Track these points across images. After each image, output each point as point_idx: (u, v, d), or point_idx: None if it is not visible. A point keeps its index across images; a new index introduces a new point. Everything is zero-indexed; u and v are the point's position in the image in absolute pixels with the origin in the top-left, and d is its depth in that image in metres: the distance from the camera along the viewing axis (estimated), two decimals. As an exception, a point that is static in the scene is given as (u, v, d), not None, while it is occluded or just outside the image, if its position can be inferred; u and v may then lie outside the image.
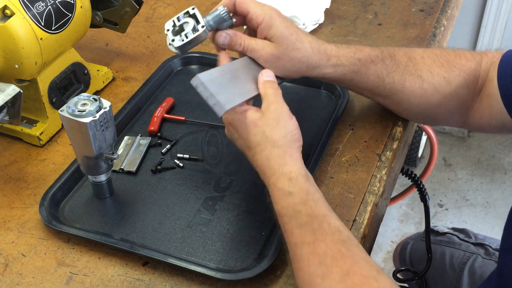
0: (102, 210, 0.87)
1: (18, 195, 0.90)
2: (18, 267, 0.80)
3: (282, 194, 0.71)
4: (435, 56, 0.90)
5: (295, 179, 0.71)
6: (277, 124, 0.75)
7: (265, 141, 0.75)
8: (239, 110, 0.77)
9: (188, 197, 0.88)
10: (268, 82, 0.80)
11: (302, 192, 0.71)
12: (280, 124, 0.75)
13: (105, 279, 0.78)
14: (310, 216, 0.69)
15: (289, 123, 0.76)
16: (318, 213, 0.69)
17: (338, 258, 0.65)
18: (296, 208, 0.70)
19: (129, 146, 0.96)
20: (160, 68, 1.11)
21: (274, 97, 0.78)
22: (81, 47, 1.18)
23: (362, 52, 0.87)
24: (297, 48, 0.82)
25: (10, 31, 0.88)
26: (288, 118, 0.76)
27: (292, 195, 0.70)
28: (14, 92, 0.82)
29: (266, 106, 0.77)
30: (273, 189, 0.73)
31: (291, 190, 0.71)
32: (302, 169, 0.74)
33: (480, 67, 0.89)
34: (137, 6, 1.05)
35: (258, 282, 0.76)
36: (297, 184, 0.71)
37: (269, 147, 0.74)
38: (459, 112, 0.91)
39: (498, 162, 2.39)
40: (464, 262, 1.16)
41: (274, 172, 0.73)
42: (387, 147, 0.95)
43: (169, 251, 0.80)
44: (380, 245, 2.10)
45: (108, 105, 0.79)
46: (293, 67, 0.84)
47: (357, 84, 0.89)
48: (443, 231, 1.25)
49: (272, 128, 0.75)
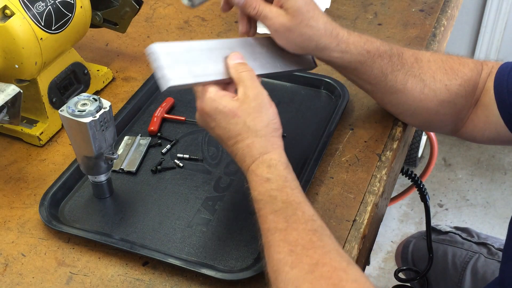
0: (102, 210, 0.87)
1: (18, 195, 0.90)
2: (18, 267, 0.80)
3: (259, 180, 0.71)
4: (441, 61, 0.89)
5: (274, 166, 0.71)
6: (258, 113, 0.73)
7: (246, 131, 0.73)
8: (215, 97, 0.74)
9: (188, 197, 0.88)
10: (240, 65, 0.77)
11: (280, 178, 0.71)
12: (262, 113, 0.73)
13: (105, 279, 0.78)
14: (285, 203, 0.68)
15: (269, 111, 0.74)
16: (293, 200, 0.69)
17: (308, 247, 0.64)
18: (272, 194, 0.69)
19: (129, 146, 0.96)
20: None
21: (250, 82, 0.75)
22: (81, 47, 1.18)
23: (372, 44, 0.86)
24: (310, 25, 0.80)
25: (10, 31, 0.88)
26: (268, 105, 0.74)
27: (270, 181, 0.70)
28: (14, 92, 0.82)
29: (244, 93, 0.74)
30: (251, 175, 0.72)
31: (269, 176, 0.70)
32: (283, 157, 0.73)
33: (479, 77, 0.89)
34: (137, 6, 1.05)
35: (258, 282, 0.76)
36: (275, 171, 0.71)
37: (251, 137, 0.73)
38: (454, 121, 0.91)
39: (498, 162, 2.39)
40: (467, 262, 1.16)
41: (255, 160, 0.72)
42: (387, 147, 0.95)
43: (169, 251, 0.80)
44: (380, 245, 2.10)
45: (108, 105, 0.79)
46: (302, 44, 0.82)
47: (359, 75, 0.88)
48: (446, 230, 1.25)
49: (253, 118, 0.73)
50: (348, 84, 1.08)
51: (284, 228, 0.67)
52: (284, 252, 0.65)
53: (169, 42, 0.77)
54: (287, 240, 0.65)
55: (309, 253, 0.64)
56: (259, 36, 0.87)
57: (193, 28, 1.26)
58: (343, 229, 0.82)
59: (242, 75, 0.75)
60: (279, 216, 0.68)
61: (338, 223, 0.83)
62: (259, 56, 0.83)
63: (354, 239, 0.82)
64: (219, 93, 0.74)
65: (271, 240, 0.67)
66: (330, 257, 0.64)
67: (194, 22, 1.28)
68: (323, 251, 0.64)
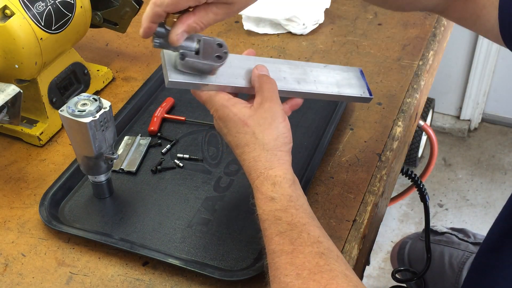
0: (102, 210, 0.87)
1: (18, 195, 0.90)
2: (18, 267, 0.80)
3: (264, 198, 0.69)
4: None
5: (279, 184, 0.69)
6: (269, 125, 0.71)
7: (254, 142, 0.71)
8: (228, 104, 0.73)
9: (188, 197, 0.88)
10: (264, 77, 0.75)
11: (284, 198, 0.69)
12: (273, 125, 0.72)
13: (105, 279, 0.78)
14: (290, 225, 0.67)
15: (281, 124, 0.72)
16: (298, 221, 0.67)
17: (315, 271, 0.63)
18: (277, 214, 0.68)
19: (129, 146, 0.96)
20: (160, 68, 1.11)
21: (270, 94, 0.73)
22: (81, 47, 1.18)
23: None
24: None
25: (10, 31, 0.88)
26: (281, 119, 0.72)
27: (274, 201, 0.68)
28: (14, 92, 0.82)
29: (260, 103, 0.73)
30: (256, 192, 0.71)
31: (274, 195, 0.69)
32: (288, 173, 0.71)
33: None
34: (137, 6, 1.05)
35: (258, 282, 0.76)
36: (280, 190, 0.69)
37: (258, 149, 0.71)
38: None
39: (498, 162, 2.39)
40: (463, 262, 1.16)
41: (259, 175, 0.70)
42: (387, 147, 0.95)
43: (169, 251, 0.80)
44: (380, 245, 2.10)
45: (108, 105, 0.79)
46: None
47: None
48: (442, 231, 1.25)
49: (263, 130, 0.71)
50: (348, 84, 1.08)
51: (291, 251, 0.65)
52: (291, 275, 0.64)
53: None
54: (294, 263, 0.64)
55: (316, 278, 0.63)
56: None
57: (193, 28, 1.26)
58: (343, 229, 0.82)
59: (265, 86, 0.74)
60: (284, 239, 0.66)
61: (338, 223, 0.83)
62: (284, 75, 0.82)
63: (354, 239, 0.82)
64: (231, 100, 0.73)
65: (277, 262, 0.66)
66: (337, 282, 0.62)
67: (194, 22, 1.28)
68: (330, 275, 0.63)
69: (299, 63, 0.84)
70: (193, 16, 0.68)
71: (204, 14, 0.69)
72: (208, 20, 0.69)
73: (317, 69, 0.84)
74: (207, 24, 0.70)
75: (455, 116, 2.54)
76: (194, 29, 0.69)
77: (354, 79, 0.86)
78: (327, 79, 0.83)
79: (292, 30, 1.22)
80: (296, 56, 1.16)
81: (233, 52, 0.85)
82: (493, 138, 2.50)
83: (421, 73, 1.11)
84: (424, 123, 1.70)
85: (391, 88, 1.07)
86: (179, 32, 0.69)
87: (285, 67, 0.82)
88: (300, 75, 0.82)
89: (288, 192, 0.69)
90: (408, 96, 1.05)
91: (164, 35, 0.71)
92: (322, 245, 0.65)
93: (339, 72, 0.85)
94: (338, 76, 0.85)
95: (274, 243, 0.67)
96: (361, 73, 0.87)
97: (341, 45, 1.19)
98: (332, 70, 0.85)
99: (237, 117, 0.72)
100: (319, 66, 0.85)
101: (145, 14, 0.69)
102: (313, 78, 0.83)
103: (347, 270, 0.64)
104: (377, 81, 1.09)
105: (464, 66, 2.38)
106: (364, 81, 0.86)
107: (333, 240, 0.70)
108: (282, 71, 0.81)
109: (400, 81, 1.09)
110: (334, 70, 0.85)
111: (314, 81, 0.82)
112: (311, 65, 0.84)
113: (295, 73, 0.82)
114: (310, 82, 0.82)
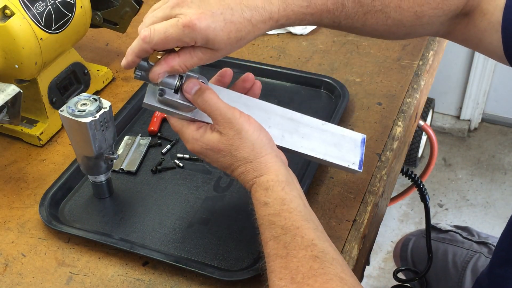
0: (102, 210, 0.87)
1: (18, 195, 0.90)
2: (18, 267, 0.80)
3: (258, 204, 0.70)
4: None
5: (271, 188, 0.69)
6: (239, 140, 0.70)
7: (235, 161, 0.71)
8: (197, 137, 0.73)
9: (188, 197, 0.88)
10: (197, 92, 0.71)
11: (277, 202, 0.69)
12: (243, 139, 0.70)
13: (105, 279, 0.78)
14: (283, 229, 0.67)
15: (249, 133, 0.71)
16: (291, 225, 0.67)
17: (309, 275, 0.63)
18: (270, 219, 0.68)
19: (129, 146, 0.96)
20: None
21: (215, 107, 0.70)
22: (81, 47, 1.18)
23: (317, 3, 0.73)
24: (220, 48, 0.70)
25: (10, 31, 0.88)
26: (246, 127, 0.71)
27: (267, 205, 0.69)
28: (14, 92, 0.82)
29: (216, 122, 0.71)
30: (252, 198, 0.71)
31: (267, 200, 0.69)
32: (280, 174, 0.70)
33: None
34: (137, 6, 1.05)
35: (258, 282, 0.76)
36: (272, 194, 0.69)
37: (242, 165, 0.71)
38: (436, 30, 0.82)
39: (498, 162, 2.39)
40: (467, 261, 1.16)
41: (252, 184, 0.71)
42: (387, 147, 0.95)
43: (169, 251, 0.80)
44: (380, 245, 2.10)
45: (108, 105, 0.79)
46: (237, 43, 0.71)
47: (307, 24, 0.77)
48: (446, 229, 1.25)
49: (237, 147, 0.71)
50: (348, 84, 1.08)
51: (285, 255, 0.66)
52: (286, 279, 0.64)
53: None
54: (288, 267, 0.65)
55: (309, 282, 0.63)
56: None
57: (193, 28, 1.26)
58: (343, 229, 0.82)
59: (205, 105, 0.71)
60: (278, 243, 0.67)
61: (338, 223, 0.83)
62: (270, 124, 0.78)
63: (354, 239, 0.82)
64: (200, 131, 0.73)
65: (272, 266, 0.66)
66: (331, 285, 0.63)
67: (194, 22, 1.28)
68: (324, 278, 0.63)
69: (295, 114, 0.79)
70: (177, 58, 0.69)
71: (189, 57, 0.69)
72: (192, 64, 0.69)
73: (312, 125, 0.80)
74: (190, 67, 0.70)
75: (455, 116, 2.54)
76: (177, 71, 0.70)
77: (350, 145, 0.80)
78: (319, 137, 0.79)
79: (292, 30, 1.22)
80: (296, 56, 1.16)
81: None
82: (493, 138, 2.50)
83: (421, 73, 1.11)
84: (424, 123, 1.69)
85: (391, 88, 1.07)
86: (161, 71, 0.69)
87: (278, 118, 0.78)
88: (290, 127, 0.79)
89: (281, 195, 0.69)
90: (408, 96, 1.05)
91: (146, 69, 0.71)
92: (316, 248, 0.65)
93: (336, 133, 0.80)
94: (332, 138, 0.80)
95: (269, 247, 0.67)
96: (362, 141, 0.81)
97: (341, 45, 1.19)
98: (329, 130, 0.80)
99: (209, 147, 0.72)
100: (317, 123, 0.80)
101: (131, 48, 0.69)
102: (302, 133, 0.79)
103: (342, 273, 0.64)
104: (377, 81, 1.09)
105: (464, 66, 2.38)
106: (361, 150, 0.81)
107: (333, 240, 0.70)
108: (271, 120, 0.78)
109: (400, 81, 1.09)
110: (331, 129, 0.80)
111: (302, 137, 0.79)
112: (307, 120, 0.80)
113: (285, 125, 0.78)
114: (297, 136, 0.78)
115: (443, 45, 1.29)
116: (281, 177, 0.70)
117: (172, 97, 0.72)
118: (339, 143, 0.80)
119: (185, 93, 0.72)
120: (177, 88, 0.72)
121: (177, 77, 0.72)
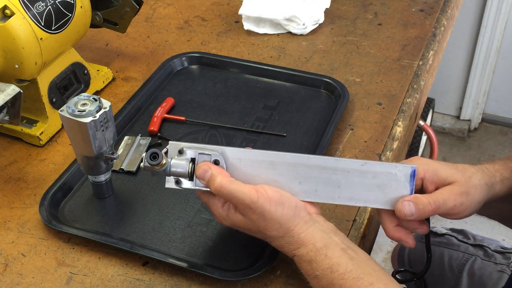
0: (102, 210, 0.87)
1: (18, 195, 0.90)
2: (18, 267, 0.80)
3: (309, 277, 0.70)
4: None
5: (314, 260, 0.69)
6: (265, 221, 0.70)
7: (267, 238, 0.72)
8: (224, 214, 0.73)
9: (188, 197, 0.88)
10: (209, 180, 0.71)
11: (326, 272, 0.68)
12: (267, 220, 0.70)
13: (105, 279, 0.78)
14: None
15: (271, 211, 0.69)
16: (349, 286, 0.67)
17: None
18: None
19: (129, 146, 0.96)
20: (160, 68, 1.11)
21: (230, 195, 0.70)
22: (81, 47, 1.18)
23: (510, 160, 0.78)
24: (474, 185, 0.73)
25: (10, 31, 0.88)
26: (267, 206, 0.69)
27: (318, 278, 0.69)
28: (14, 92, 0.82)
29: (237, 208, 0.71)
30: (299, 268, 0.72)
31: (316, 273, 0.69)
32: (317, 242, 0.69)
33: None
34: (137, 6, 1.05)
35: (258, 282, 0.76)
36: (318, 266, 0.68)
37: (275, 241, 0.71)
38: None
39: (498, 162, 2.39)
40: (463, 264, 1.16)
41: (293, 256, 0.71)
42: (387, 147, 0.95)
43: (169, 251, 0.80)
44: (380, 245, 2.10)
45: (108, 105, 0.79)
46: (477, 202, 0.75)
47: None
48: (442, 232, 1.25)
49: (264, 228, 0.70)
50: (348, 84, 1.08)
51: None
52: None
53: None
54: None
55: None
56: None
57: (193, 28, 1.26)
58: (343, 229, 0.82)
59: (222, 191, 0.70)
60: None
61: (338, 223, 0.83)
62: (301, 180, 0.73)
63: (354, 239, 0.82)
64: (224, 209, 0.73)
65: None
66: None
67: (194, 22, 1.28)
68: None
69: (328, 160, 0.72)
70: None
71: None
72: None
73: (350, 168, 0.72)
74: None
75: (455, 116, 2.54)
76: None
77: (397, 182, 0.72)
78: (358, 181, 0.72)
79: (292, 30, 1.22)
80: (296, 56, 1.16)
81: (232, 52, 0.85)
82: (493, 138, 2.50)
83: (421, 73, 1.11)
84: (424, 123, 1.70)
85: (391, 88, 1.07)
86: None
87: (308, 169, 0.72)
88: (323, 177, 0.72)
89: (327, 264, 0.68)
90: (408, 96, 1.05)
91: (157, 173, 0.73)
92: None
93: (379, 172, 0.72)
94: (374, 180, 0.72)
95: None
96: (412, 174, 0.72)
97: (341, 45, 1.19)
98: (370, 170, 0.72)
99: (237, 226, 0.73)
100: (355, 164, 0.72)
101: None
102: (338, 181, 0.72)
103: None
104: (377, 81, 1.09)
105: (464, 66, 2.38)
106: (411, 186, 0.72)
107: (333, 240, 0.70)
108: (300, 174, 0.72)
109: (400, 81, 1.09)
110: (373, 169, 0.72)
111: (339, 186, 0.72)
112: (343, 164, 0.72)
113: (317, 176, 0.72)
114: (332, 186, 0.72)
115: (443, 45, 1.29)
116: (319, 244, 0.69)
117: (189, 186, 0.74)
118: (383, 184, 0.72)
119: (199, 179, 0.72)
120: (191, 174, 0.73)
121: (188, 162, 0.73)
